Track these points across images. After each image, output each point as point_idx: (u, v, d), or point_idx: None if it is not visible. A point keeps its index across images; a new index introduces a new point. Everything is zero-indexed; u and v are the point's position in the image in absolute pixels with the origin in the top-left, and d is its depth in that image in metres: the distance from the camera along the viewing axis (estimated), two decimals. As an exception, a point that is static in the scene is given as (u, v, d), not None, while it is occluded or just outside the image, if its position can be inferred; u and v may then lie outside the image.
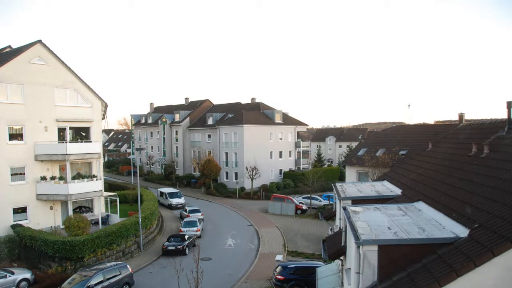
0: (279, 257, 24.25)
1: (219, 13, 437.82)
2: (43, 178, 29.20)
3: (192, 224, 33.72)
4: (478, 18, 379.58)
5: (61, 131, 30.89)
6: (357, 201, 13.72)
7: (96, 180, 31.18)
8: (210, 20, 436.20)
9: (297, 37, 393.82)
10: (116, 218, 31.63)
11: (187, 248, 28.47)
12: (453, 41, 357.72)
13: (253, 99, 68.86)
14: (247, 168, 53.28)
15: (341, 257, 13.19)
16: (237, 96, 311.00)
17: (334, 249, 12.89)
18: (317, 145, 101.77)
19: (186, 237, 29.87)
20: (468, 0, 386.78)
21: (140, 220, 29.21)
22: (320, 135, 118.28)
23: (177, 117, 69.02)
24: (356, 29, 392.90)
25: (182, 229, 32.93)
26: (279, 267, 22.31)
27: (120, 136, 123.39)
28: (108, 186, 43.86)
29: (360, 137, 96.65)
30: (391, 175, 18.04)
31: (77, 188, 29.38)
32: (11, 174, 27.93)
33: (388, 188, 15.58)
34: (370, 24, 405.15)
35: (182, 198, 46.28)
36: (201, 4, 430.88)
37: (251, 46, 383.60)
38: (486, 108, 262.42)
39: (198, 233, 32.92)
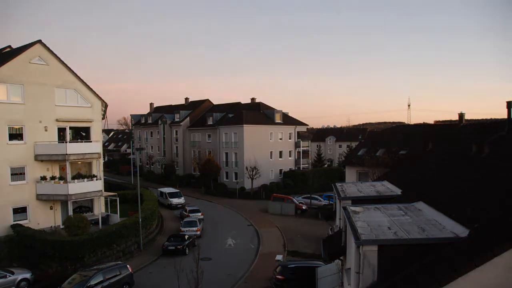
0: (279, 257, 24.23)
1: (219, 13, 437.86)
2: (43, 178, 29.19)
3: (192, 224, 33.74)
4: (478, 18, 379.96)
5: (61, 131, 30.86)
6: (357, 201, 13.66)
7: (96, 180, 31.18)
8: (210, 20, 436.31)
9: (297, 37, 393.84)
10: (116, 218, 31.61)
11: (187, 248, 28.48)
12: (454, 41, 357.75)
13: (253, 99, 68.83)
14: (247, 168, 53.25)
15: (341, 257, 13.17)
16: (237, 96, 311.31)
17: (334, 249, 12.87)
18: (317, 145, 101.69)
19: (186, 237, 29.90)
20: (469, 0, 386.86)
21: (140, 220, 29.22)
22: (320, 135, 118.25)
23: (177, 117, 69.01)
24: (356, 29, 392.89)
25: (182, 229, 32.94)
26: (279, 267, 22.29)
27: (120, 136, 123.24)
28: (108, 186, 43.82)
29: (360, 137, 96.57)
30: (391, 175, 18.01)
31: (77, 188, 29.36)
32: (11, 174, 27.92)
33: (388, 188, 15.54)
34: (370, 24, 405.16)
35: (182, 198, 46.31)
36: (201, 3, 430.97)
37: (252, 46, 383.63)
38: (486, 108, 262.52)
39: (198, 233, 32.94)
